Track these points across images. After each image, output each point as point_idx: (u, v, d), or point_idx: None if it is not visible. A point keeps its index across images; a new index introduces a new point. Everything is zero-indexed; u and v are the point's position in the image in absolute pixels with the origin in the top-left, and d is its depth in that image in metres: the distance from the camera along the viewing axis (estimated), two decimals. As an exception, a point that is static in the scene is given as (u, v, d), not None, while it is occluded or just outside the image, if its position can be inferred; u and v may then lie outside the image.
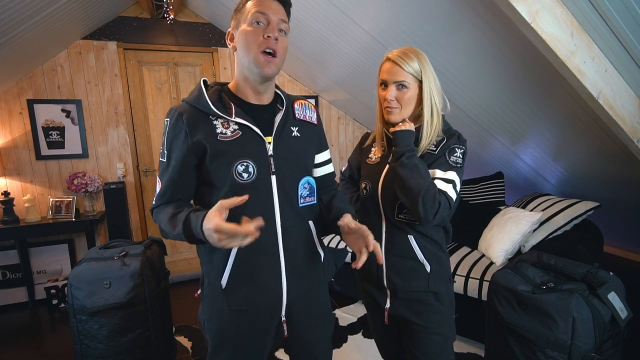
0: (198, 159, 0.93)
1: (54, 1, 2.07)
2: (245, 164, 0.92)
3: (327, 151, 1.16)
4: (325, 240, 2.72)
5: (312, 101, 3.50)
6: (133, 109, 3.11)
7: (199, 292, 1.04)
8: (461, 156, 1.08)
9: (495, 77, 2.03)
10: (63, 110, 2.88)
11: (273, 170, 0.96)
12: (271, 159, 0.95)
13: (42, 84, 2.81)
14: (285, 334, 1.03)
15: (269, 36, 0.90)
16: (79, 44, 2.87)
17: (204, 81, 1.00)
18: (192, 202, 1.03)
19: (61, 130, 2.89)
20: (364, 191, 1.22)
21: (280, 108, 1.03)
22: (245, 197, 0.80)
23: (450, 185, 1.03)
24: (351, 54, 2.56)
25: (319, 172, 1.13)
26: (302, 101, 1.10)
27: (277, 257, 0.97)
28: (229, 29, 0.98)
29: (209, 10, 3.03)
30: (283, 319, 1.01)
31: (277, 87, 1.07)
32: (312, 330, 1.08)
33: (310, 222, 1.04)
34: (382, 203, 1.15)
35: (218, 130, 0.92)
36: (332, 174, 1.18)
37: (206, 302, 1.00)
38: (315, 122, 1.10)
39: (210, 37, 3.24)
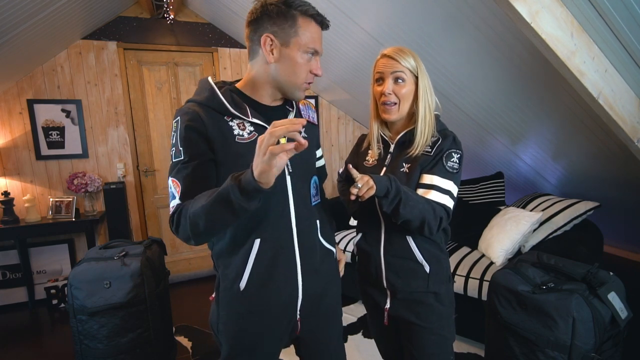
0: (215, 159, 0.90)
1: (54, 1, 2.07)
2: None
3: (320, 148, 1.24)
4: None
5: (312, 101, 3.51)
6: (133, 109, 3.11)
7: (213, 295, 1.03)
8: (458, 161, 1.09)
9: (496, 77, 2.03)
10: (63, 110, 2.88)
11: (290, 170, 0.97)
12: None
13: (42, 84, 2.81)
14: (298, 330, 1.03)
15: (315, 74, 0.97)
16: (79, 44, 2.87)
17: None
18: None
19: (61, 130, 2.89)
20: None
21: (290, 109, 1.04)
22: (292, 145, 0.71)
23: (448, 196, 1.06)
24: (351, 54, 2.56)
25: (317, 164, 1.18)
26: (304, 101, 1.13)
27: (293, 257, 0.98)
28: (267, 34, 0.88)
29: (209, 10, 3.03)
30: (298, 317, 1.02)
31: None
32: (324, 324, 1.10)
33: (318, 221, 1.05)
34: (379, 206, 1.15)
35: (235, 132, 0.91)
36: (324, 167, 1.29)
37: (222, 306, 0.98)
38: (316, 123, 1.15)
39: (210, 37, 3.23)
